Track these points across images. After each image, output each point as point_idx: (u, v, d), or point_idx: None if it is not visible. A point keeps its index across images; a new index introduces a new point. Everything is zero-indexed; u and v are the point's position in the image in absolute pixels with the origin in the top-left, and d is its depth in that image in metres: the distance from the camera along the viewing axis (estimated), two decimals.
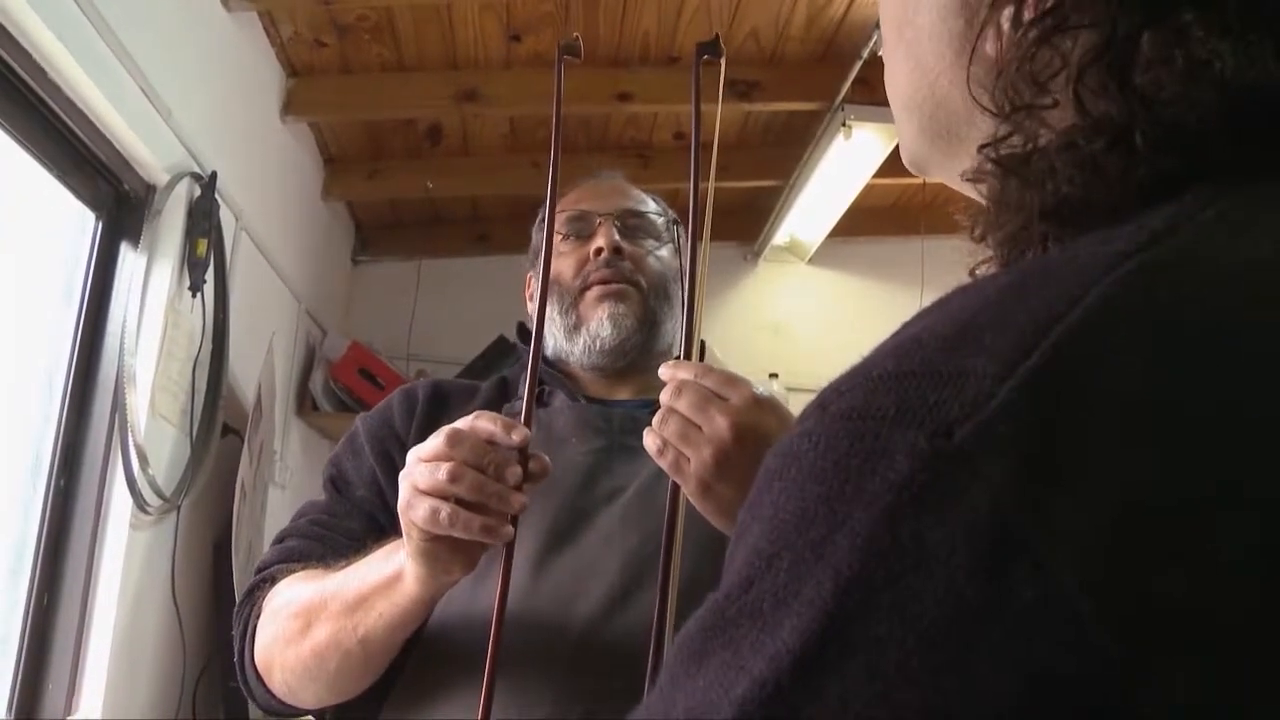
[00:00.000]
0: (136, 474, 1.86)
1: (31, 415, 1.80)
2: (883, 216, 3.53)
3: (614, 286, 1.12)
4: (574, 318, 1.12)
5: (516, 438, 0.80)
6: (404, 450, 1.05)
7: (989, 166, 0.43)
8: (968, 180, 0.46)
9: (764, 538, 0.32)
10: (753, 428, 0.76)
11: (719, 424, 0.76)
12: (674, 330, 1.14)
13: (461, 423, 0.82)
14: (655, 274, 1.14)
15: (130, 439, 1.84)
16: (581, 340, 1.12)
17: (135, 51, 1.76)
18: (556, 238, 1.15)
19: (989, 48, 0.44)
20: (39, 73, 1.60)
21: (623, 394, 1.13)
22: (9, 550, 1.74)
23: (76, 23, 1.60)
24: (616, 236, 1.13)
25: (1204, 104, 0.37)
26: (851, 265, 3.67)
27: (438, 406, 1.10)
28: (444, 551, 0.81)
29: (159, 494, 1.94)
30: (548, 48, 2.60)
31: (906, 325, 0.35)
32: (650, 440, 0.79)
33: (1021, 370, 0.30)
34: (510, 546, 0.80)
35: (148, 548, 1.96)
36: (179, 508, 2.05)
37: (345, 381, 2.98)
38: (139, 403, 1.87)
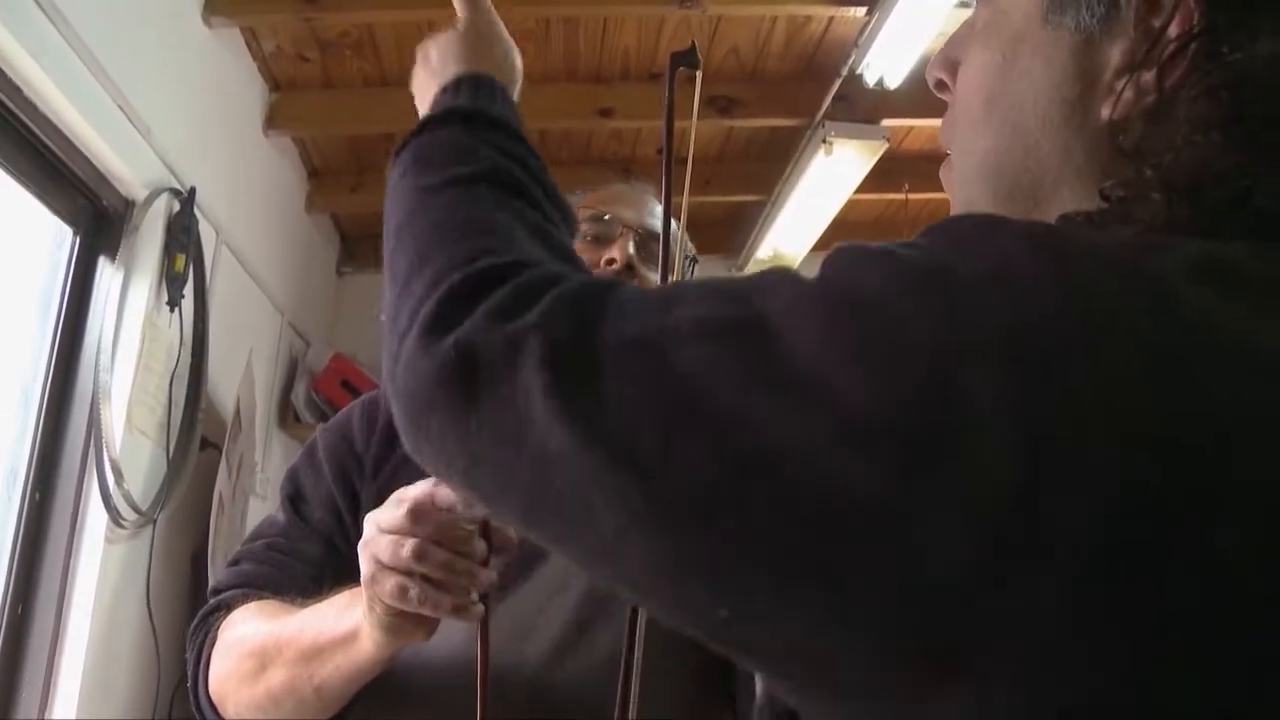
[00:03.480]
0: (112, 488, 1.86)
1: (7, 429, 1.81)
2: (866, 231, 3.54)
3: None
4: None
5: (479, 512, 0.78)
6: (362, 470, 1.04)
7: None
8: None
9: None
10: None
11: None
12: None
13: (420, 491, 0.78)
14: None
15: (105, 453, 1.84)
16: None
17: (112, 69, 1.78)
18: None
19: (1104, 112, 0.46)
20: (14, 90, 1.61)
21: None
22: None
23: (52, 41, 1.61)
24: (632, 251, 1.10)
25: None
26: None
27: None
28: (408, 624, 0.80)
29: (134, 508, 1.95)
30: (530, 64, 2.60)
31: None
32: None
33: None
34: (485, 623, 0.79)
35: (123, 561, 1.97)
36: (155, 521, 2.05)
37: (327, 393, 2.99)
38: (115, 417, 1.88)
